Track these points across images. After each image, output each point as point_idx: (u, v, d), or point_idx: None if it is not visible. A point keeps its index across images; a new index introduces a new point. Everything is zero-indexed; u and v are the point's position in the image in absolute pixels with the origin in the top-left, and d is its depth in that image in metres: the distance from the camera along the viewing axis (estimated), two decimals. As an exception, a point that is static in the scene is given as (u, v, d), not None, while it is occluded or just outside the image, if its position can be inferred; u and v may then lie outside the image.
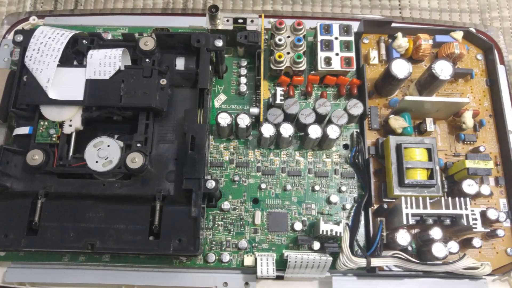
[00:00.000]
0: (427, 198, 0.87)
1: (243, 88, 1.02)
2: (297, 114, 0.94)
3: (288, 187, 0.95)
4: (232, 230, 0.92)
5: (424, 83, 0.96)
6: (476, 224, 0.85)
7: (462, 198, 0.86)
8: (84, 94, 0.84)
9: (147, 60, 0.88)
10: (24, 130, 0.86)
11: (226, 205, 0.92)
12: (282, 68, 0.99)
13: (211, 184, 0.81)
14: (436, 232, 0.85)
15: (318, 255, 0.84)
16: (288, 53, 0.99)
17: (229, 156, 0.98)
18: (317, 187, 0.95)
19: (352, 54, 0.99)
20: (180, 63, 0.93)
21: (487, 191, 0.91)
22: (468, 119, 0.95)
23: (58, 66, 0.85)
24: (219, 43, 0.91)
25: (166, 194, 0.83)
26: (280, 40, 0.98)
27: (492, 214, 0.87)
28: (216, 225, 0.92)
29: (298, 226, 0.91)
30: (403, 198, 0.85)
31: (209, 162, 0.95)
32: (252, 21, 1.00)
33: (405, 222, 0.83)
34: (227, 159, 0.97)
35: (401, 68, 0.93)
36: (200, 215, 0.79)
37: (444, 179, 0.95)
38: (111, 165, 0.81)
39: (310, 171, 0.97)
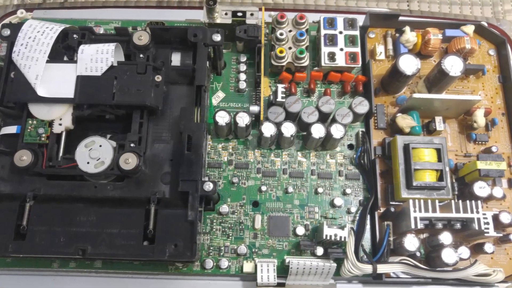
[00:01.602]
0: (437, 201, 0.86)
1: (243, 85, 1.00)
2: (299, 113, 0.92)
3: (290, 189, 0.94)
4: (230, 234, 0.90)
5: (433, 79, 0.95)
6: (488, 228, 0.84)
7: (473, 201, 0.85)
8: (75, 91, 0.82)
9: (141, 55, 0.87)
10: (12, 129, 0.84)
11: (224, 208, 0.91)
12: (284, 64, 0.97)
13: (208, 186, 0.80)
14: (446, 237, 0.84)
15: (321, 261, 0.83)
16: (290, 48, 0.98)
17: (227, 156, 0.96)
18: (320, 190, 0.94)
19: (357, 49, 0.98)
20: (176, 59, 0.91)
21: (499, 194, 0.90)
22: (479, 118, 0.94)
23: (47, 61, 0.84)
24: (217, 37, 0.89)
25: (161, 196, 0.81)
26: (281, 34, 0.97)
27: (505, 218, 0.86)
28: (214, 230, 0.91)
29: (300, 230, 0.90)
30: (411, 201, 0.84)
31: (206, 163, 0.93)
32: (252, 14, 0.98)
33: (413, 226, 0.82)
34: (226, 160, 0.96)
35: (409, 64, 0.92)
36: (197, 219, 0.77)
37: (454, 181, 0.94)
38: (103, 166, 0.80)
39: (313, 172, 0.96)
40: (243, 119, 0.90)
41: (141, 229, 0.78)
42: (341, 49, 0.98)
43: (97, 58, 0.84)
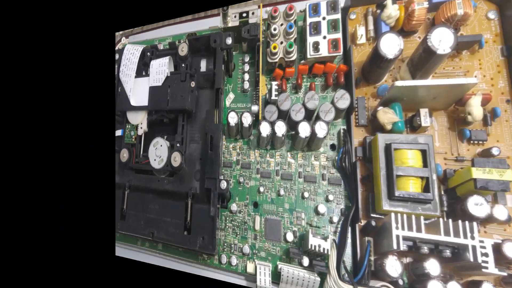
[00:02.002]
0: (422, 217, 0.45)
1: (246, 85, 0.71)
2: (289, 111, 0.61)
3: (282, 192, 0.63)
4: (238, 233, 0.65)
5: (418, 61, 0.49)
6: (486, 262, 0.40)
7: (467, 222, 0.42)
8: (148, 100, 0.72)
9: (183, 65, 0.72)
10: (119, 132, 0.77)
11: (234, 207, 0.66)
12: (277, 60, 0.65)
13: (223, 184, 0.62)
14: (432, 266, 0.45)
15: (307, 273, 0.56)
16: (282, 42, 0.64)
17: (236, 156, 0.68)
18: (306, 194, 0.61)
19: (339, 35, 0.58)
20: (203, 65, 0.72)
21: (503, 215, 0.43)
22: (475, 108, 0.46)
23: (135, 77, 0.75)
24: (229, 40, 0.67)
25: (194, 192, 0.66)
26: (274, 29, 0.65)
27: (510, 250, 0.40)
28: (227, 227, 0.66)
29: (290, 236, 0.61)
30: (393, 216, 0.47)
31: (222, 162, 0.69)
32: (253, 13, 0.69)
33: (395, 246, 0.47)
34: (235, 159, 0.68)
35: (390, 45, 0.49)
36: (216, 215, 0.62)
37: (443, 193, 0.48)
38: (162, 163, 0.68)
39: (300, 175, 0.62)
40: (246, 119, 0.64)
41: (182, 220, 0.66)
42: (324, 37, 0.59)
43: (159, 70, 0.72)
